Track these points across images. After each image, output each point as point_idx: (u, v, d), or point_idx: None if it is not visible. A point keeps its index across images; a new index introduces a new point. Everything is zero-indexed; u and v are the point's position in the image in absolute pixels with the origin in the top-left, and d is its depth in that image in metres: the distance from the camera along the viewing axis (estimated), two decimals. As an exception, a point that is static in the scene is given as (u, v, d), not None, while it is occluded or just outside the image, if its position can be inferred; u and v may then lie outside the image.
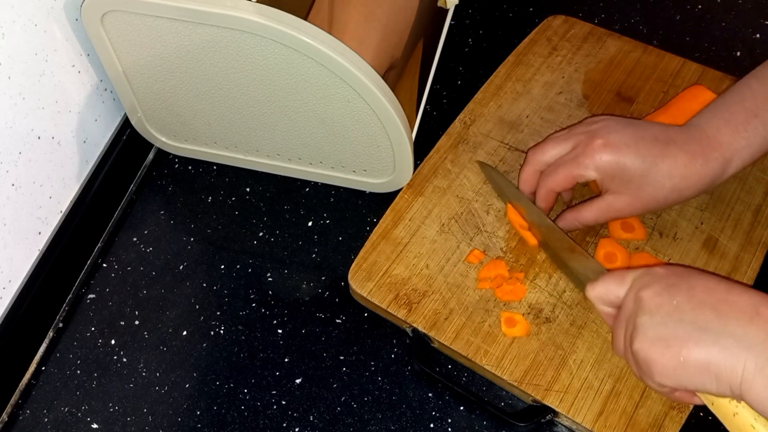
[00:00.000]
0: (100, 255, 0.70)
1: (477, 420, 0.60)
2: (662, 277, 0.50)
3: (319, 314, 0.66)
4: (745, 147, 0.56)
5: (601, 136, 0.58)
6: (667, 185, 0.57)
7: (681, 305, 0.47)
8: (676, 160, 0.56)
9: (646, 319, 0.48)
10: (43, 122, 0.64)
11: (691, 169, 0.56)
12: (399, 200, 0.69)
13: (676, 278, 0.49)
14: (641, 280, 0.51)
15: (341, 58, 0.58)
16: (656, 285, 0.49)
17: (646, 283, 0.50)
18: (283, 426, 0.60)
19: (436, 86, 0.79)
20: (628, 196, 0.58)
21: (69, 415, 0.62)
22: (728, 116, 0.57)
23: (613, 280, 0.53)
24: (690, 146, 0.56)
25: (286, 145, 0.69)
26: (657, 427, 0.56)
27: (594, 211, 0.60)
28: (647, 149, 0.57)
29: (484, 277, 0.63)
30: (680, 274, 0.50)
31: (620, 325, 0.52)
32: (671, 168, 0.56)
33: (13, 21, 0.58)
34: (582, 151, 0.58)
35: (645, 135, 0.57)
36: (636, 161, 0.56)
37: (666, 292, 0.49)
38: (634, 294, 0.50)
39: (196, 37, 0.61)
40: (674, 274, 0.50)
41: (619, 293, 0.52)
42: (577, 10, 0.85)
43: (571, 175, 0.59)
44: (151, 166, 0.76)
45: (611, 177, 0.58)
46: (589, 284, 0.54)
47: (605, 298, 0.53)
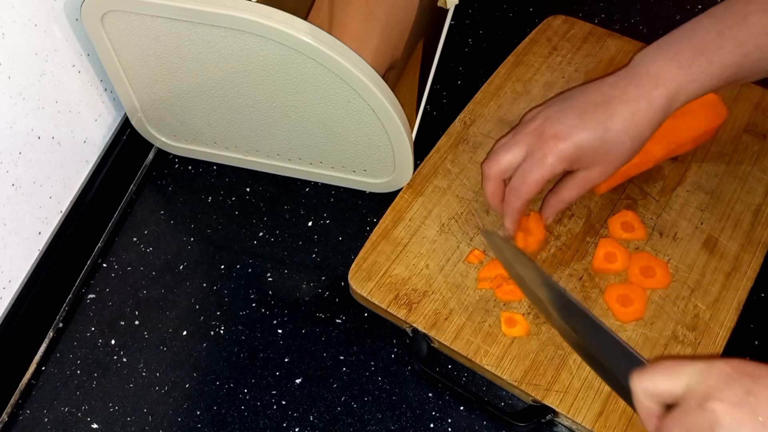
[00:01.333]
0: (100, 255, 0.70)
1: (477, 420, 0.60)
2: (733, 381, 0.42)
3: (319, 314, 0.66)
4: (689, 82, 0.56)
5: (548, 130, 0.58)
6: (626, 138, 0.57)
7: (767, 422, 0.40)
8: (622, 114, 0.56)
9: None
10: (43, 122, 0.64)
11: (639, 114, 0.56)
12: (399, 200, 0.69)
13: (751, 382, 0.41)
14: (706, 381, 0.42)
15: (341, 58, 0.58)
16: (729, 392, 0.41)
17: (715, 388, 0.42)
18: (283, 426, 0.60)
19: (436, 86, 0.79)
20: (598, 166, 0.58)
21: (69, 415, 0.62)
22: (673, 53, 0.57)
23: (665, 373, 0.44)
24: (630, 93, 0.57)
25: (286, 145, 0.69)
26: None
27: (573, 189, 0.61)
28: (593, 119, 0.57)
29: (484, 277, 0.63)
30: (753, 375, 0.42)
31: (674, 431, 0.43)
32: (621, 123, 0.56)
33: (13, 21, 0.58)
34: (539, 152, 0.58)
35: (585, 106, 0.58)
36: (589, 135, 0.57)
37: (745, 402, 0.40)
38: (699, 401, 0.42)
39: (196, 37, 0.61)
40: (745, 374, 0.42)
41: (672, 391, 0.44)
42: (577, 10, 0.85)
43: (540, 177, 0.58)
44: (151, 166, 0.76)
45: (576, 160, 0.58)
46: (635, 373, 0.46)
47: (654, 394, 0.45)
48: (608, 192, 0.68)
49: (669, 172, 0.69)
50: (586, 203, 0.67)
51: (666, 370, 0.45)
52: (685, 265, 0.63)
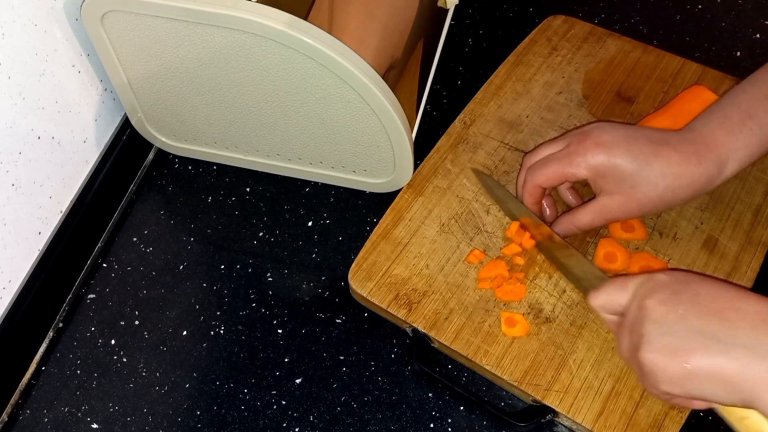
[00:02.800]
0: (100, 255, 0.70)
1: (477, 420, 0.60)
2: (666, 284, 0.49)
3: (319, 314, 0.66)
4: (741, 148, 0.56)
5: (592, 136, 0.58)
6: (661, 184, 0.56)
7: (686, 313, 0.47)
8: (669, 159, 0.56)
9: (652, 327, 0.48)
10: (43, 122, 0.64)
11: (685, 169, 0.56)
12: (399, 200, 0.69)
13: (680, 285, 0.49)
14: (644, 287, 0.50)
15: (341, 58, 0.58)
16: (660, 293, 0.49)
17: (650, 291, 0.50)
18: (283, 426, 0.60)
19: (436, 86, 0.79)
20: (622, 197, 0.58)
21: (69, 415, 0.62)
22: (723, 118, 0.56)
23: (615, 287, 0.53)
24: (683, 147, 0.56)
25: (286, 145, 0.69)
26: (657, 427, 0.56)
27: (589, 214, 0.60)
28: (639, 148, 0.56)
29: (484, 277, 0.63)
30: (684, 281, 0.49)
31: (624, 333, 0.51)
32: (664, 167, 0.56)
33: (13, 21, 0.58)
34: (574, 149, 0.58)
35: (637, 135, 0.57)
36: (627, 159, 0.56)
37: (671, 300, 0.48)
38: (638, 302, 0.50)
39: (196, 37, 0.61)
40: (677, 280, 0.50)
41: (621, 301, 0.52)
42: (577, 10, 0.85)
43: (562, 172, 0.59)
44: (151, 166, 0.76)
45: (603, 176, 0.57)
46: (591, 292, 0.54)
47: (608, 306, 0.53)
48: (608, 192, 0.68)
49: (669, 172, 0.69)
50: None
51: (615, 285, 0.53)
52: (685, 265, 0.63)
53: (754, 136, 0.56)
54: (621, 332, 0.52)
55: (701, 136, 0.56)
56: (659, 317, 0.48)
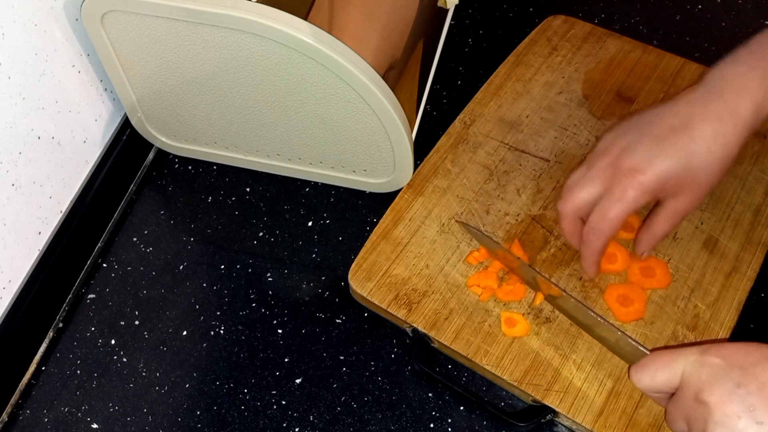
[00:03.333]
0: (100, 255, 0.70)
1: (477, 420, 0.60)
2: (724, 373, 0.44)
3: (319, 314, 0.66)
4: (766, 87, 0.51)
5: (627, 162, 0.53)
6: (713, 160, 0.52)
7: (758, 414, 0.42)
8: (705, 134, 0.52)
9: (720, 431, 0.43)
10: (43, 122, 0.64)
11: (724, 133, 0.52)
12: (399, 200, 0.69)
13: (741, 373, 0.43)
14: (698, 374, 0.45)
15: (341, 58, 0.58)
16: (721, 386, 0.43)
17: (707, 382, 0.44)
18: (283, 426, 0.60)
19: (436, 86, 0.79)
20: (687, 193, 0.54)
21: (69, 415, 0.62)
22: (753, 62, 0.52)
23: (660, 367, 0.47)
24: (711, 109, 0.52)
25: (286, 145, 0.69)
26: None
27: (666, 221, 0.56)
28: (674, 146, 0.53)
29: (473, 284, 0.63)
30: (743, 366, 0.43)
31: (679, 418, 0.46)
32: (707, 146, 0.52)
33: (13, 21, 0.58)
34: (618, 186, 0.54)
35: (663, 132, 0.53)
36: (672, 164, 0.52)
37: (736, 396, 0.42)
38: (694, 394, 0.44)
39: (196, 37, 0.61)
40: (736, 366, 0.44)
41: (669, 383, 0.47)
42: (577, 10, 0.85)
43: (622, 213, 0.54)
44: (151, 166, 0.76)
45: (661, 189, 0.54)
46: (631, 370, 0.49)
47: (654, 388, 0.48)
48: (608, 192, 0.68)
49: (669, 172, 0.69)
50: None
51: (662, 364, 0.47)
52: (685, 265, 0.63)
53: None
54: (674, 415, 0.47)
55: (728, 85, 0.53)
56: (726, 420, 0.42)
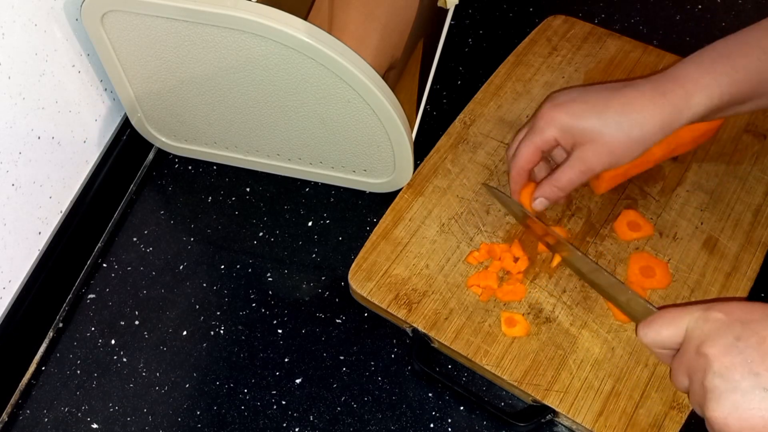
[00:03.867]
0: (100, 255, 0.70)
1: (477, 420, 0.60)
2: (725, 327, 0.45)
3: (319, 314, 0.66)
4: (711, 84, 0.54)
5: (550, 101, 0.59)
6: (624, 123, 0.55)
7: (755, 366, 0.43)
8: (628, 98, 0.56)
9: (718, 382, 0.44)
10: (43, 122, 0.64)
11: (646, 102, 0.55)
12: (399, 200, 0.69)
13: (742, 328, 0.45)
14: (701, 328, 0.46)
15: (341, 58, 0.58)
16: (721, 338, 0.45)
17: (709, 335, 0.46)
18: (283, 426, 0.60)
19: (436, 86, 0.79)
20: (592, 145, 0.57)
21: (69, 415, 0.62)
22: (698, 59, 0.56)
23: (666, 323, 0.49)
24: (644, 86, 0.56)
25: (286, 145, 0.69)
26: (657, 427, 0.56)
27: (567, 172, 0.59)
28: (596, 97, 0.57)
29: (473, 283, 0.63)
30: (744, 321, 0.45)
31: (681, 372, 0.48)
32: (623, 106, 0.55)
33: (13, 21, 0.58)
34: (536, 120, 0.59)
35: (596, 88, 0.58)
36: (586, 109, 0.57)
37: (734, 348, 0.44)
38: (696, 347, 0.46)
39: (196, 37, 0.61)
40: (737, 321, 0.45)
41: (674, 338, 0.48)
42: (577, 10, 0.85)
43: (533, 144, 0.59)
44: (151, 166, 0.76)
45: (569, 132, 0.58)
46: (639, 326, 0.51)
47: (658, 343, 0.50)
48: (608, 192, 0.68)
49: (669, 172, 0.69)
50: (586, 203, 0.67)
51: (667, 320, 0.49)
52: (685, 265, 0.63)
53: (724, 75, 0.54)
54: (676, 370, 0.48)
55: (668, 74, 0.56)
56: (724, 371, 0.44)
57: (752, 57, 0.54)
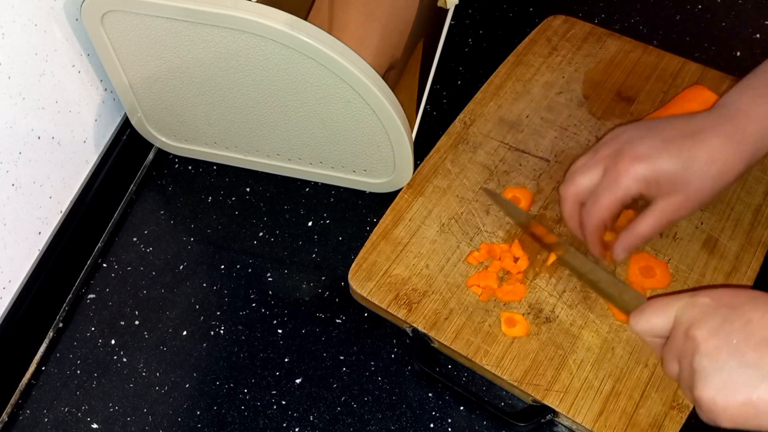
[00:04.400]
0: (100, 255, 0.70)
1: (477, 420, 0.60)
2: (712, 311, 0.46)
3: (319, 314, 0.66)
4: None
5: (628, 151, 0.56)
6: (712, 173, 0.54)
7: (740, 346, 0.44)
8: (711, 145, 0.54)
9: (705, 363, 0.45)
10: (43, 122, 0.64)
11: (729, 149, 0.54)
12: (399, 200, 0.69)
13: (728, 311, 0.46)
14: (688, 313, 0.47)
15: (341, 58, 0.58)
16: (708, 322, 0.46)
17: (696, 319, 0.47)
18: (283, 426, 0.60)
19: (436, 86, 0.79)
20: (677, 197, 0.55)
21: (69, 415, 0.62)
22: (761, 90, 0.55)
23: (656, 311, 0.50)
24: (721, 127, 0.54)
25: (286, 145, 0.69)
26: (657, 427, 0.56)
27: (650, 223, 0.57)
28: (678, 146, 0.54)
29: (473, 283, 0.63)
30: (730, 305, 0.46)
31: (671, 359, 0.49)
32: (709, 155, 0.54)
33: (13, 21, 0.58)
34: (615, 172, 0.56)
35: (671, 134, 0.55)
36: (671, 161, 0.54)
37: (721, 330, 0.45)
38: (684, 331, 0.47)
39: (196, 37, 0.61)
40: (724, 305, 0.46)
41: (664, 325, 0.49)
42: (577, 10, 0.85)
43: (615, 198, 0.56)
44: (151, 166, 0.76)
45: (654, 185, 0.55)
46: (631, 316, 0.52)
47: (649, 330, 0.51)
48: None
49: (669, 172, 0.69)
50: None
51: (657, 308, 0.50)
52: (685, 265, 0.63)
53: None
54: (667, 357, 0.49)
55: (739, 111, 0.54)
56: (711, 351, 0.45)
57: None
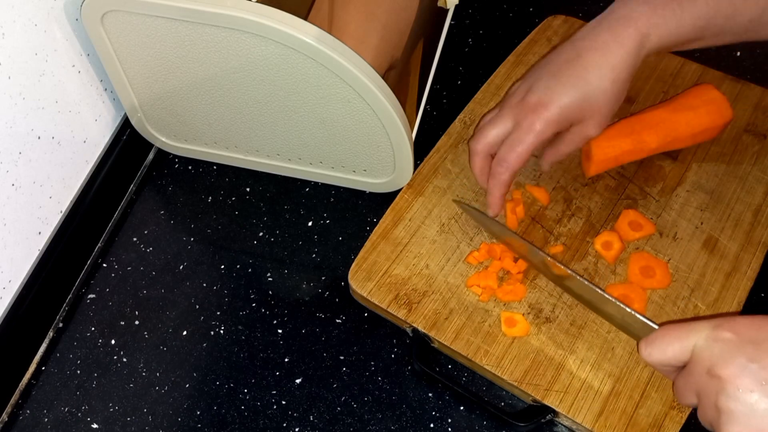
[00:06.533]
0: (100, 255, 0.70)
1: (477, 420, 0.60)
2: (737, 348, 0.44)
3: (319, 314, 0.66)
4: (660, 24, 0.57)
5: (530, 99, 0.59)
6: (606, 84, 0.58)
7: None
8: (595, 62, 0.57)
9: (734, 405, 0.43)
10: (43, 122, 0.64)
11: (612, 58, 0.57)
12: (399, 200, 0.69)
13: (754, 349, 0.43)
14: (710, 349, 0.45)
15: (341, 58, 0.58)
16: (734, 360, 0.43)
17: (720, 357, 0.44)
18: (283, 426, 0.60)
19: (436, 86, 0.79)
20: (589, 120, 0.60)
21: (69, 415, 0.62)
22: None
23: (671, 342, 0.47)
24: (600, 39, 0.58)
25: (286, 145, 0.69)
26: (657, 427, 0.56)
27: (570, 143, 0.62)
28: (569, 76, 0.58)
29: (473, 283, 0.63)
30: (756, 342, 0.44)
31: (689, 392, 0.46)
32: (597, 71, 0.57)
33: (13, 21, 0.58)
34: (525, 121, 0.59)
35: (559, 66, 0.59)
36: (570, 94, 0.58)
37: (748, 371, 0.43)
38: (707, 368, 0.44)
39: (196, 37, 0.61)
40: (749, 341, 0.44)
41: (680, 357, 0.47)
42: (577, 10, 0.85)
43: (530, 145, 0.59)
44: (151, 166, 0.76)
45: (564, 120, 0.59)
46: (641, 344, 0.49)
47: (664, 361, 0.48)
48: (608, 192, 0.68)
49: (669, 172, 0.69)
50: (586, 203, 0.67)
51: (672, 338, 0.47)
52: (685, 265, 0.63)
53: (673, 16, 0.57)
54: (683, 389, 0.47)
55: (617, 15, 0.58)
56: (740, 395, 0.43)
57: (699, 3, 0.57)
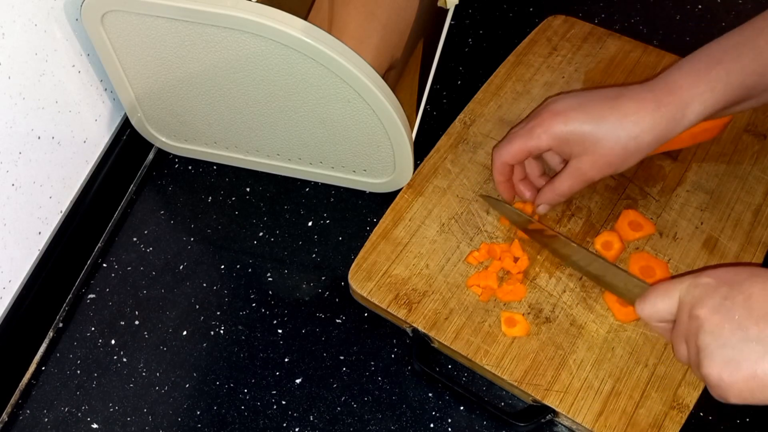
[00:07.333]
0: (100, 255, 0.70)
1: (477, 420, 0.60)
2: (714, 289, 0.48)
3: (319, 314, 0.66)
4: (706, 92, 0.55)
5: (548, 107, 0.59)
6: (622, 135, 0.56)
7: (742, 321, 0.45)
8: (624, 109, 0.56)
9: (709, 340, 0.46)
10: (43, 122, 0.64)
11: (642, 114, 0.56)
12: (399, 200, 0.69)
13: (728, 288, 0.47)
14: (691, 294, 0.49)
15: (341, 58, 0.58)
16: (710, 300, 0.47)
17: (699, 299, 0.48)
18: (283, 426, 0.60)
19: (436, 86, 0.79)
20: (589, 156, 0.58)
21: (69, 415, 0.62)
22: (690, 66, 0.56)
23: (660, 295, 0.51)
24: (640, 95, 0.56)
25: (286, 145, 0.69)
26: (657, 427, 0.56)
27: (566, 180, 0.60)
28: (594, 107, 0.57)
29: (473, 283, 0.63)
30: (731, 282, 0.47)
31: (680, 342, 0.50)
32: (620, 117, 0.56)
33: (13, 21, 0.58)
34: (532, 123, 0.59)
35: (593, 96, 0.58)
36: (583, 120, 0.57)
37: (723, 307, 0.46)
38: (688, 311, 0.48)
39: (196, 37, 0.61)
40: (725, 282, 0.48)
41: (669, 309, 0.51)
42: (577, 10, 0.85)
43: (524, 145, 0.60)
44: (151, 166, 0.76)
45: (566, 142, 0.58)
46: (636, 303, 0.53)
47: (655, 315, 0.52)
48: (608, 192, 0.68)
49: (669, 172, 0.69)
50: (586, 203, 0.67)
51: (659, 293, 0.51)
52: (685, 265, 0.63)
53: (719, 81, 0.55)
54: (676, 341, 0.50)
55: (664, 83, 0.56)
56: (714, 328, 0.46)
57: (746, 59, 0.55)
